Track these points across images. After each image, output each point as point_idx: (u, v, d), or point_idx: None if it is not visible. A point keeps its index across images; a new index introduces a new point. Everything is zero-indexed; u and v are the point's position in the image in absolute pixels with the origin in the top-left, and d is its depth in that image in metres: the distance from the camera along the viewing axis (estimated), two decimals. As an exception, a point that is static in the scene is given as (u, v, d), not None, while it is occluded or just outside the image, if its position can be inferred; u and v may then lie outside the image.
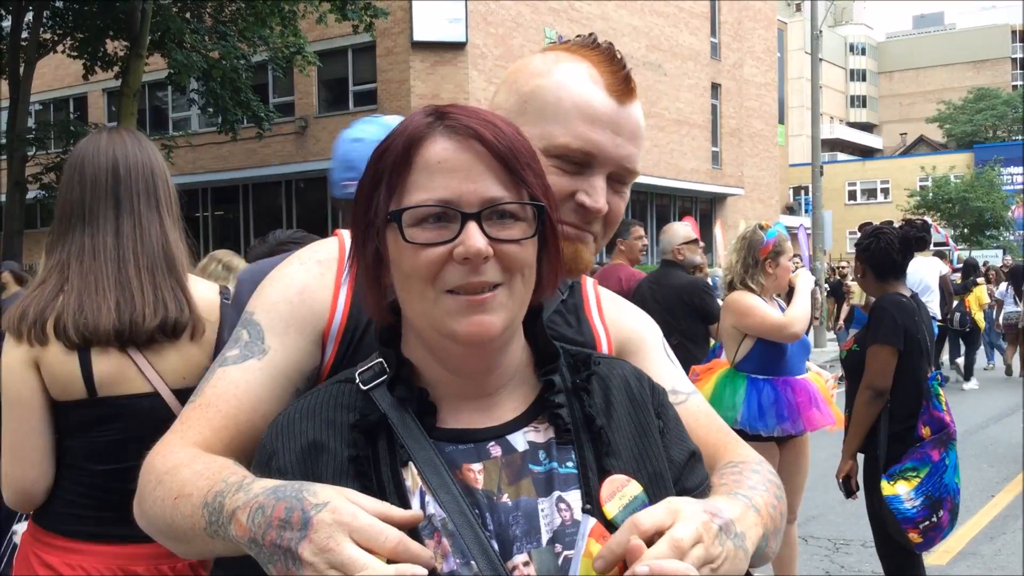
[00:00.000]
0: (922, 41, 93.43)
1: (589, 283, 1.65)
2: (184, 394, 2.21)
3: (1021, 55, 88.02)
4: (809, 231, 26.67)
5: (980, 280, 15.68)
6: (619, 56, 1.47)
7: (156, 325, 2.23)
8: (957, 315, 14.99)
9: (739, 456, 1.43)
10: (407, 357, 1.28)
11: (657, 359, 1.58)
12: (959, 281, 15.63)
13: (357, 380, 1.27)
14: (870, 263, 4.60)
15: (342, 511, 1.04)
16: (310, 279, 1.43)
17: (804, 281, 5.28)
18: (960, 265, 17.90)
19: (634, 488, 1.22)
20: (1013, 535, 6.99)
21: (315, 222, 27.24)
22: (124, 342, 2.21)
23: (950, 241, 30.25)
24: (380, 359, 1.28)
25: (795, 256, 5.39)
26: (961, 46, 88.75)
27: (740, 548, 1.14)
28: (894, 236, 4.51)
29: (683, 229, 6.67)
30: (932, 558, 6.49)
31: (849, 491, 4.62)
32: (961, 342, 15.83)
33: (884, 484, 4.30)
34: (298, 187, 27.91)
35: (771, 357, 5.07)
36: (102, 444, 2.23)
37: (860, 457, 4.61)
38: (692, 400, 1.54)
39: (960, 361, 15.71)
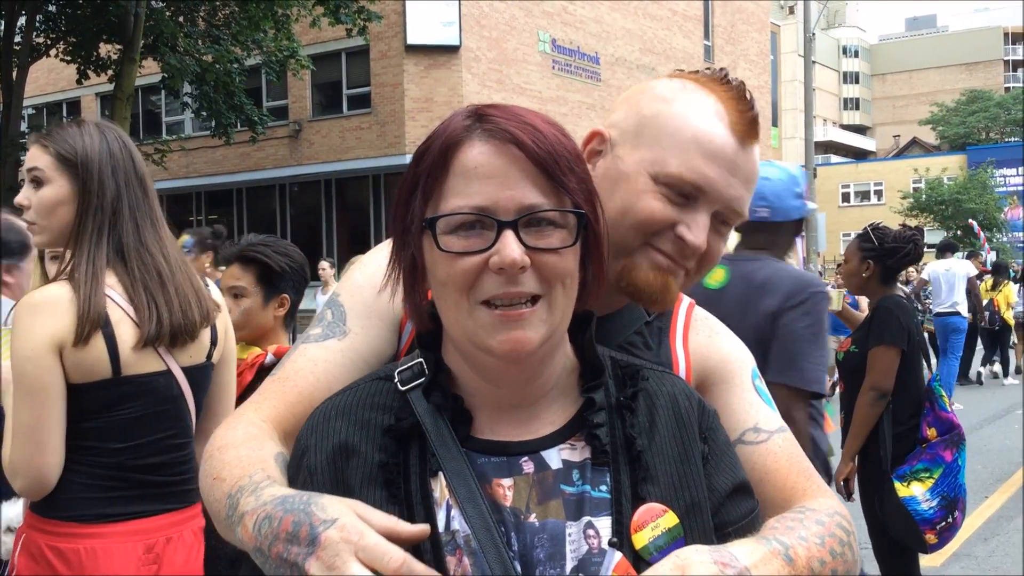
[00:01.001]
0: (915, 43, 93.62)
1: (683, 306, 1.57)
2: (190, 371, 2.41)
3: (1013, 57, 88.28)
4: (803, 233, 26.72)
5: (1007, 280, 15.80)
6: (749, 96, 1.42)
7: (199, 319, 2.40)
8: (987, 313, 15.07)
9: (813, 503, 1.32)
10: (446, 363, 1.25)
11: (742, 393, 1.48)
12: (990, 282, 15.63)
13: (396, 379, 1.26)
14: (888, 265, 4.55)
15: (350, 529, 1.02)
16: None
17: None
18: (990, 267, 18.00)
19: (669, 520, 1.18)
20: (1008, 536, 7.01)
21: (309, 226, 27.23)
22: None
23: (986, 244, 30.32)
24: (420, 359, 1.26)
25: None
26: (954, 48, 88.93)
27: None
28: (922, 245, 4.55)
29: None
30: (926, 559, 6.48)
31: (848, 493, 4.62)
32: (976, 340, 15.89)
33: (898, 486, 4.29)
34: (292, 191, 27.88)
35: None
36: (122, 422, 2.29)
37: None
38: (776, 439, 1.43)
39: (996, 366, 15.85)
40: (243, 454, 1.25)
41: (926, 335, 6.37)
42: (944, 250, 14.11)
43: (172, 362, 2.35)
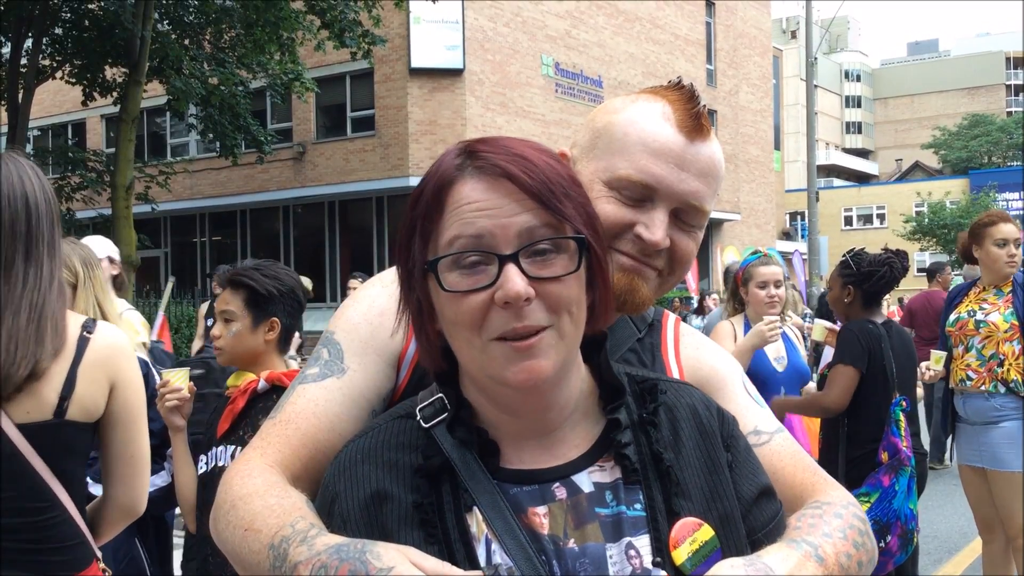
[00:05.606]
0: (917, 68, 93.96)
1: (670, 322, 1.62)
2: (30, 429, 2.08)
3: (1015, 82, 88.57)
4: (805, 256, 26.73)
5: None
6: (697, 95, 1.44)
7: (21, 370, 2.08)
8: None
9: (827, 497, 1.35)
10: (465, 397, 1.25)
11: (736, 398, 1.51)
12: None
13: (419, 416, 1.25)
14: (867, 290, 4.68)
15: None
16: (391, 302, 1.39)
17: (746, 340, 4.85)
18: None
19: (705, 533, 1.19)
20: (1012, 561, 6.95)
21: (313, 247, 27.28)
22: None
23: None
24: (440, 395, 1.26)
25: (766, 284, 5.29)
26: (955, 73, 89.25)
27: None
28: (900, 267, 4.62)
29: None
30: (930, 584, 6.46)
31: None
32: None
33: None
34: (296, 212, 27.95)
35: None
36: None
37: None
38: (776, 439, 1.46)
39: None
40: (272, 503, 1.23)
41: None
42: None
43: (6, 421, 2.05)
